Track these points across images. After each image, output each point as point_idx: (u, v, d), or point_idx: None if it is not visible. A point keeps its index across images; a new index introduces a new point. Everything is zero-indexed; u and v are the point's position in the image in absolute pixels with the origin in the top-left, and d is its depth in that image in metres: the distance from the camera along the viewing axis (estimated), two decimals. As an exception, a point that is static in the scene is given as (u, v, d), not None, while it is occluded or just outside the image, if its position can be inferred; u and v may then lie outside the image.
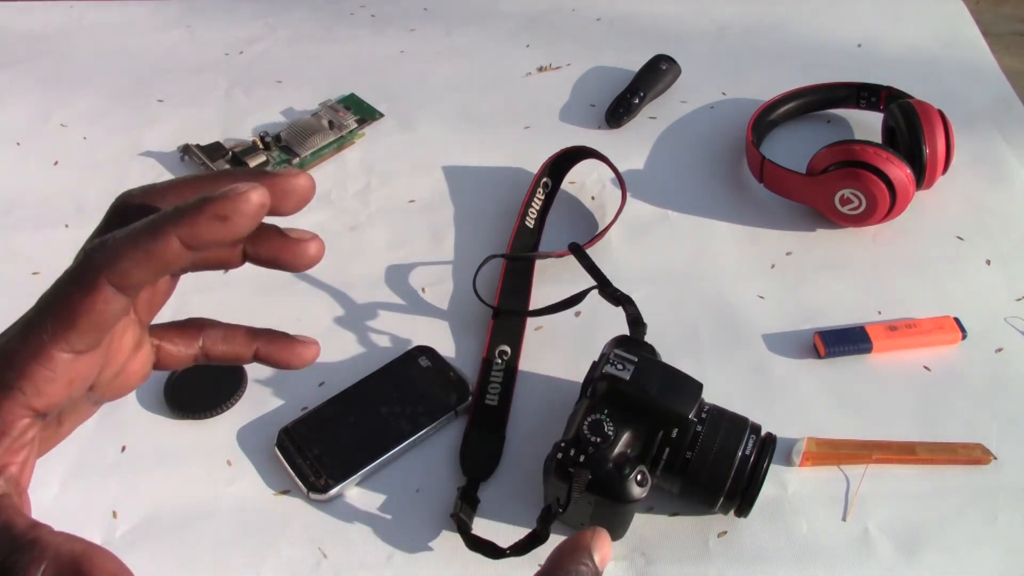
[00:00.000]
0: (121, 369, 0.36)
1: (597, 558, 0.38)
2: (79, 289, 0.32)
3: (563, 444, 0.59)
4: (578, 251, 0.73)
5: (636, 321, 0.67)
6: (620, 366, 0.59)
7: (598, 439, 0.58)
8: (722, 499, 0.60)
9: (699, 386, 0.60)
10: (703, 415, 0.60)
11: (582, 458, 0.58)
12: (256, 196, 0.31)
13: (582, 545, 0.38)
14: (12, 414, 0.32)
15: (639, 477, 0.58)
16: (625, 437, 0.59)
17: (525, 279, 0.79)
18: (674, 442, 0.59)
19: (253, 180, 0.33)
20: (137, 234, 0.31)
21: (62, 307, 0.32)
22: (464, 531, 0.61)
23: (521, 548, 0.58)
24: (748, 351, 0.73)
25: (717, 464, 0.59)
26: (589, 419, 0.59)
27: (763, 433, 0.60)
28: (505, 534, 0.62)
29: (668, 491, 0.62)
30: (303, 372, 0.73)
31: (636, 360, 0.59)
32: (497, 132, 0.94)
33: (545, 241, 0.83)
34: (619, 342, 0.64)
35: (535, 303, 0.77)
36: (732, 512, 0.61)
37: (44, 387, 0.33)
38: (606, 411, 0.59)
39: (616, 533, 0.62)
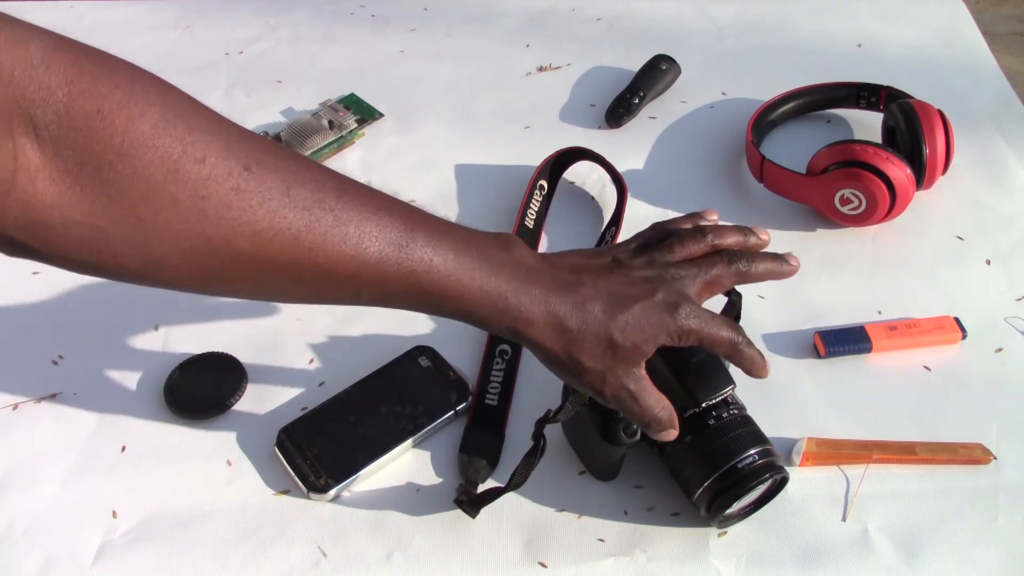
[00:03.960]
0: None
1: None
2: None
3: None
4: None
5: (730, 309, 0.65)
6: None
7: None
8: (698, 492, 0.60)
9: (729, 382, 0.61)
10: (725, 414, 0.60)
11: None
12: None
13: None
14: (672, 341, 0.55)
15: (632, 427, 0.59)
16: None
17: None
18: (683, 420, 0.60)
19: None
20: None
21: None
22: (469, 495, 0.63)
23: (522, 472, 0.60)
24: (748, 351, 0.73)
25: (709, 459, 0.59)
26: None
27: (778, 464, 0.60)
28: (505, 534, 0.63)
29: (664, 467, 0.63)
30: (303, 372, 0.73)
31: None
32: (497, 132, 0.94)
33: (545, 241, 0.83)
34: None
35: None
36: (707, 513, 0.60)
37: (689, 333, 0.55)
38: None
39: (600, 472, 0.64)
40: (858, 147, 0.78)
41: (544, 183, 0.85)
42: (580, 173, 0.88)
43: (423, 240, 0.50)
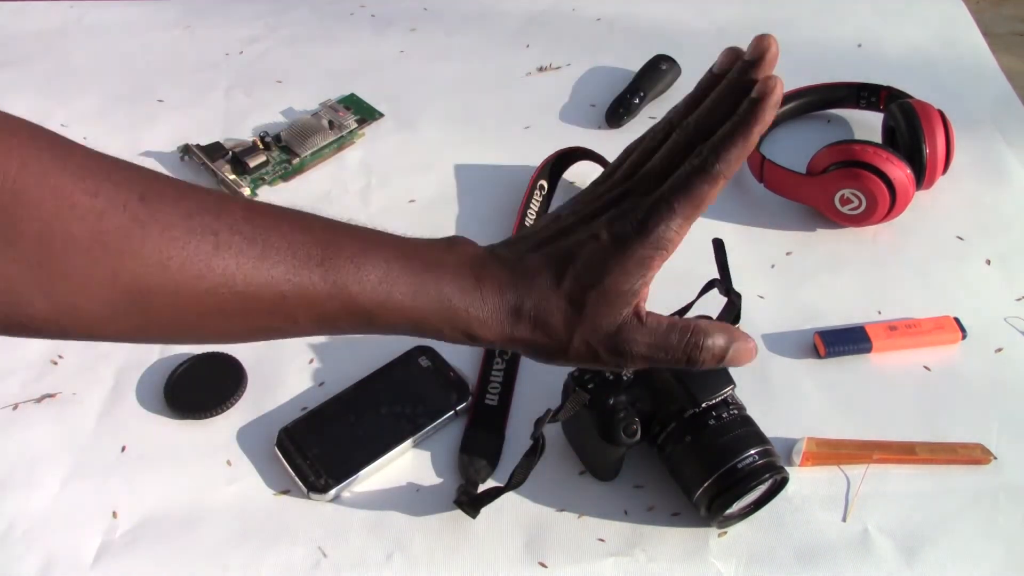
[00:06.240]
0: None
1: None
2: (708, 182, 0.48)
3: None
4: (721, 248, 0.71)
5: (730, 310, 0.66)
6: None
7: (611, 376, 0.61)
8: (699, 492, 0.60)
9: (729, 382, 0.61)
10: (725, 414, 0.60)
11: (590, 386, 0.61)
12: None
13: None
14: (657, 266, 0.48)
15: (632, 427, 0.60)
16: (640, 390, 0.61)
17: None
18: (683, 420, 0.60)
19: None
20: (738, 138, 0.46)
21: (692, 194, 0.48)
22: (469, 495, 0.63)
23: (522, 472, 0.61)
24: (748, 351, 0.73)
25: (709, 460, 0.59)
26: None
27: (778, 465, 0.60)
28: (505, 534, 0.63)
29: (664, 467, 0.63)
30: (303, 372, 0.73)
31: None
32: (497, 132, 0.94)
33: (545, 241, 0.83)
34: (697, 318, 0.66)
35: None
36: (707, 514, 0.60)
37: (672, 249, 0.49)
38: None
39: (601, 472, 0.64)
40: (858, 147, 0.78)
41: (544, 183, 0.85)
42: (580, 173, 0.88)
43: (348, 253, 0.46)
